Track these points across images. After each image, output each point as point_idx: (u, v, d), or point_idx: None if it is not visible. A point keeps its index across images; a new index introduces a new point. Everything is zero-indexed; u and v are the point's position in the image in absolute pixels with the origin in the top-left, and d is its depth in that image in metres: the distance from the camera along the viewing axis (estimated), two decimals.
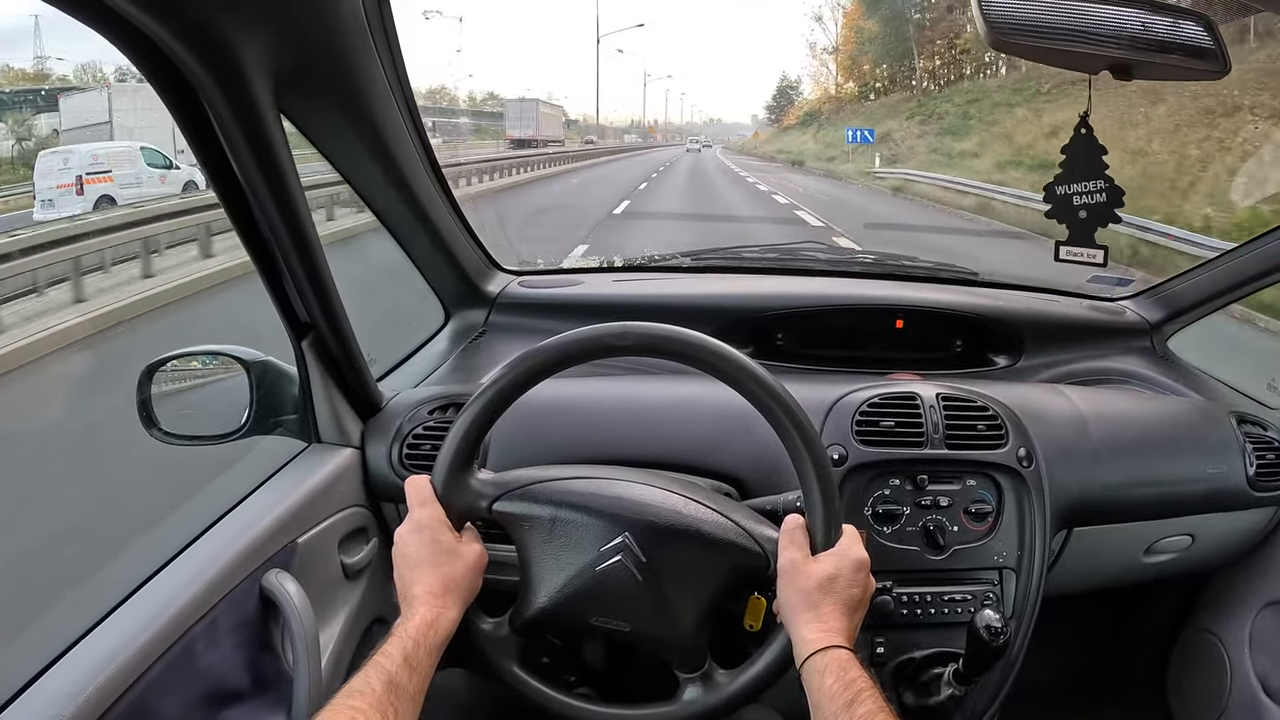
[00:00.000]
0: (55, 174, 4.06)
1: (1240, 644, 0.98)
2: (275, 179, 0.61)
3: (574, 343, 0.62)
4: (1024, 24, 0.63)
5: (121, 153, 4.49)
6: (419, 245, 0.97)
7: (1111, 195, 0.84)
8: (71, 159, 4.13)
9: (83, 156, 4.18)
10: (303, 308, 0.73)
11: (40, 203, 4.03)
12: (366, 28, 0.64)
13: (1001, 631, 0.65)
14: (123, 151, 4.51)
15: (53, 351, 2.84)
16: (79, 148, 4.31)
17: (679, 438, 0.83)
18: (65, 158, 4.15)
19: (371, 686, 0.52)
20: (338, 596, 0.77)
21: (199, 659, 0.60)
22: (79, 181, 4.05)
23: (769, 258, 1.23)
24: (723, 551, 0.63)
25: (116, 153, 4.46)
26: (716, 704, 0.63)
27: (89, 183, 4.08)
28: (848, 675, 0.54)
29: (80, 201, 4.00)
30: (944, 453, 0.83)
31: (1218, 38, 0.67)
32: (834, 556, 0.61)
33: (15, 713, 0.50)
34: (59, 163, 4.13)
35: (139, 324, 3.22)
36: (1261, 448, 0.94)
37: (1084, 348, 1.10)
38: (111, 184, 4.17)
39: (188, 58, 0.51)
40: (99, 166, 4.17)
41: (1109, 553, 0.93)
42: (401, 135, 0.78)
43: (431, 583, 0.60)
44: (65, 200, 3.99)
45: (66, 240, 3.20)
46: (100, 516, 1.76)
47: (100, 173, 4.15)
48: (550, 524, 0.63)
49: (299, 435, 0.81)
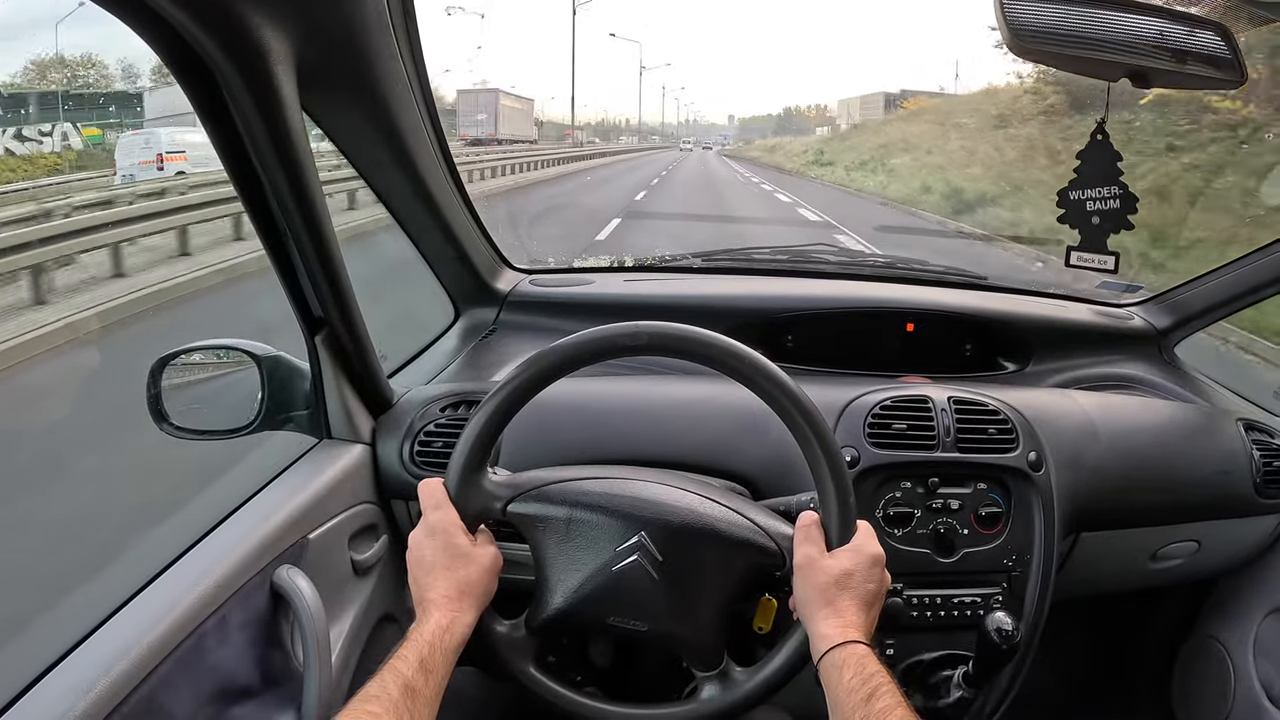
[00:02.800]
0: (138, 152, 4.86)
1: (1245, 650, 0.99)
2: (294, 173, 0.61)
3: (588, 342, 0.62)
4: (1045, 30, 0.63)
5: (193, 136, 5.08)
6: (431, 242, 0.97)
7: (1125, 202, 0.84)
8: (152, 140, 4.98)
9: (162, 137, 5.01)
10: (317, 303, 0.72)
11: (122, 178, 4.71)
12: (390, 24, 0.64)
13: (1012, 634, 0.66)
14: (195, 135, 5.14)
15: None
16: (158, 130, 5.06)
17: (691, 438, 0.83)
18: (146, 139, 4.98)
19: (388, 691, 0.51)
20: (347, 593, 0.77)
21: (210, 654, 0.60)
22: (160, 159, 4.82)
23: (779, 259, 1.23)
24: (739, 549, 0.63)
25: (189, 136, 5.12)
26: (734, 702, 0.63)
27: (168, 160, 4.84)
28: (866, 670, 0.54)
29: (161, 175, 4.76)
30: (955, 456, 0.83)
31: (1234, 47, 0.68)
32: (850, 552, 0.61)
33: (27, 706, 0.50)
34: (141, 142, 4.96)
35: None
36: (1268, 455, 0.94)
37: (1092, 353, 1.10)
38: (185, 162, 4.91)
39: (210, 45, 0.51)
40: (176, 146, 4.95)
41: (1116, 558, 0.93)
42: (419, 132, 0.78)
43: (446, 586, 0.59)
44: (146, 174, 4.74)
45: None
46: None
47: (176, 152, 4.91)
48: (566, 524, 0.63)
49: (309, 431, 0.81)
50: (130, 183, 4.56)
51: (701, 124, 29.34)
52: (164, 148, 4.86)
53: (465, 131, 14.57)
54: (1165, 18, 0.67)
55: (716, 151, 21.93)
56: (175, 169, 4.80)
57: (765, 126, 31.57)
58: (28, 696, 0.50)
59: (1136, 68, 0.66)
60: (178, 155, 4.85)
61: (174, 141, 4.93)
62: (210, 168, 4.68)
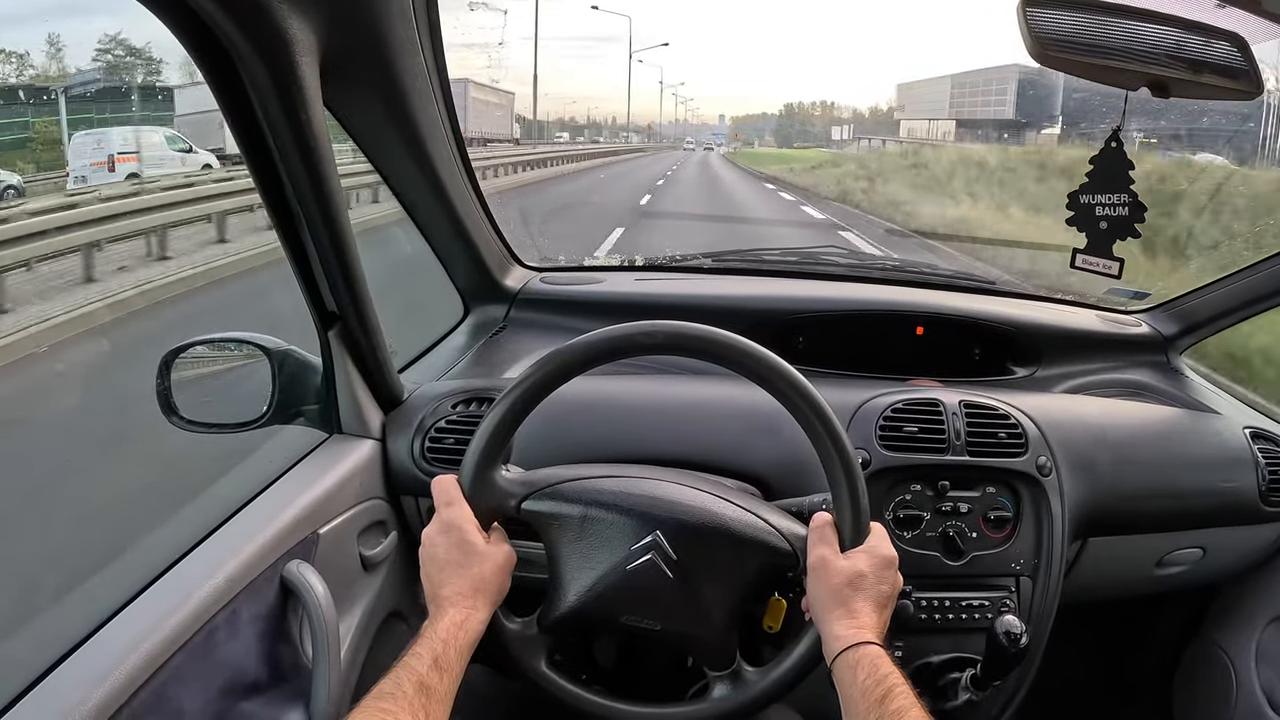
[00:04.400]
0: (90, 153, 4.50)
1: (1247, 657, 1.00)
2: (313, 166, 0.60)
3: (604, 341, 0.62)
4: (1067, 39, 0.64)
5: (147, 136, 4.90)
6: (444, 238, 0.96)
7: (1134, 209, 0.85)
8: (104, 140, 4.61)
9: (114, 138, 4.66)
10: (331, 298, 0.72)
11: (74, 179, 4.45)
12: (413, 17, 0.64)
13: (1021, 637, 0.66)
14: (148, 135, 4.92)
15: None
16: (111, 130, 4.76)
17: (704, 437, 0.83)
18: (98, 139, 4.61)
19: (403, 689, 0.51)
20: (356, 588, 0.76)
21: (220, 648, 0.59)
22: (111, 160, 4.51)
23: (790, 261, 1.23)
24: (753, 549, 0.63)
25: (144, 136, 4.89)
26: (746, 701, 0.63)
27: (120, 161, 4.54)
28: (880, 671, 0.54)
29: (113, 177, 4.47)
30: (965, 459, 0.84)
31: (1250, 58, 0.68)
32: (863, 553, 0.61)
33: (40, 696, 0.49)
34: (93, 143, 4.58)
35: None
36: (1274, 462, 0.95)
37: (1100, 359, 1.11)
38: (138, 163, 4.64)
39: (235, 34, 0.51)
40: (129, 147, 4.64)
41: (1122, 563, 0.94)
42: (436, 127, 0.78)
43: (460, 584, 0.59)
44: (98, 176, 4.44)
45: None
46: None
47: (129, 153, 4.61)
48: (580, 523, 0.63)
49: (320, 426, 0.80)
50: (83, 184, 4.33)
51: (692, 123, 26.23)
52: (116, 149, 4.55)
53: None
54: (1183, 28, 0.67)
55: (722, 154, 18.96)
56: (127, 170, 4.54)
57: (762, 126, 28.33)
58: (41, 686, 0.50)
59: (1155, 77, 0.67)
60: (130, 156, 4.58)
61: (127, 142, 4.66)
62: (164, 169, 4.61)
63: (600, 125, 21.56)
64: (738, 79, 53.76)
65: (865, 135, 22.50)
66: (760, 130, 29.70)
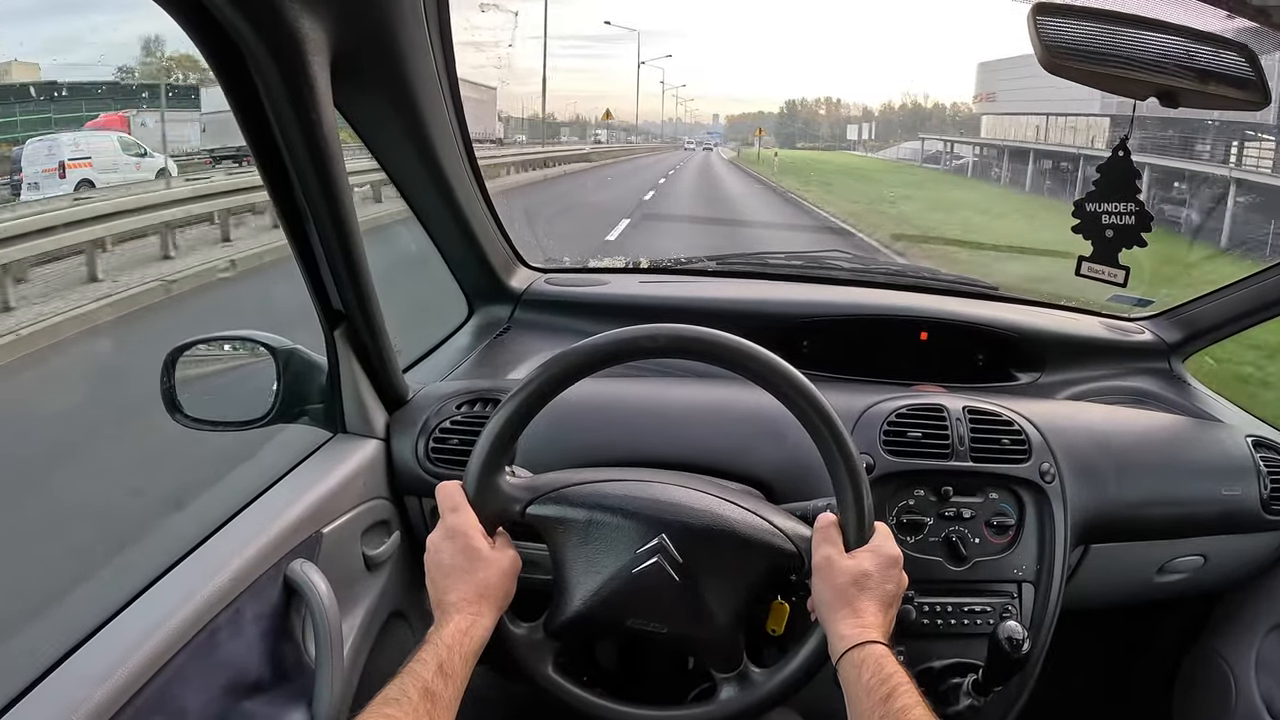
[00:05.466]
0: (42, 159, 4.35)
1: (1247, 665, 1.00)
2: (322, 165, 0.60)
3: (608, 344, 0.62)
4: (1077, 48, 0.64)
5: (100, 141, 4.76)
6: (449, 238, 0.96)
7: (1140, 219, 0.85)
8: (56, 146, 4.46)
9: (65, 144, 4.50)
10: (337, 296, 0.72)
11: (27, 185, 4.30)
12: (424, 18, 0.64)
13: (1023, 643, 0.66)
14: (101, 140, 4.78)
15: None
16: (62, 136, 4.62)
17: (708, 441, 0.83)
18: (50, 145, 4.47)
19: (408, 695, 0.51)
20: (359, 588, 0.76)
21: (223, 647, 0.59)
22: (61, 167, 4.34)
23: (794, 264, 1.23)
24: (758, 551, 0.63)
25: (96, 141, 4.75)
26: (753, 702, 0.63)
27: (71, 167, 4.36)
28: (884, 670, 0.54)
29: (63, 184, 4.29)
30: (969, 465, 0.84)
31: (1259, 69, 0.69)
32: (868, 553, 0.61)
33: (39, 696, 0.49)
34: (45, 149, 4.44)
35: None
36: (1276, 471, 0.95)
37: (1103, 366, 1.11)
38: (91, 169, 4.47)
39: (246, 31, 0.50)
40: (80, 153, 4.47)
41: (1123, 570, 0.94)
42: (445, 128, 0.78)
43: (465, 590, 0.59)
44: (49, 183, 4.28)
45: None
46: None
47: (81, 159, 4.44)
48: (585, 527, 0.63)
49: (324, 425, 0.80)
50: (34, 190, 4.15)
51: (685, 122, 24.62)
52: (66, 155, 4.37)
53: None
54: (1192, 38, 0.67)
55: (726, 159, 16.61)
56: (79, 177, 4.34)
57: (758, 126, 26.72)
58: (43, 684, 0.50)
59: (1164, 87, 0.67)
60: (82, 162, 4.41)
61: (78, 148, 4.48)
62: (116, 174, 4.45)
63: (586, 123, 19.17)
64: (730, 78, 50.77)
65: (928, 135, 15.79)
66: (755, 129, 27.98)
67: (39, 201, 3.96)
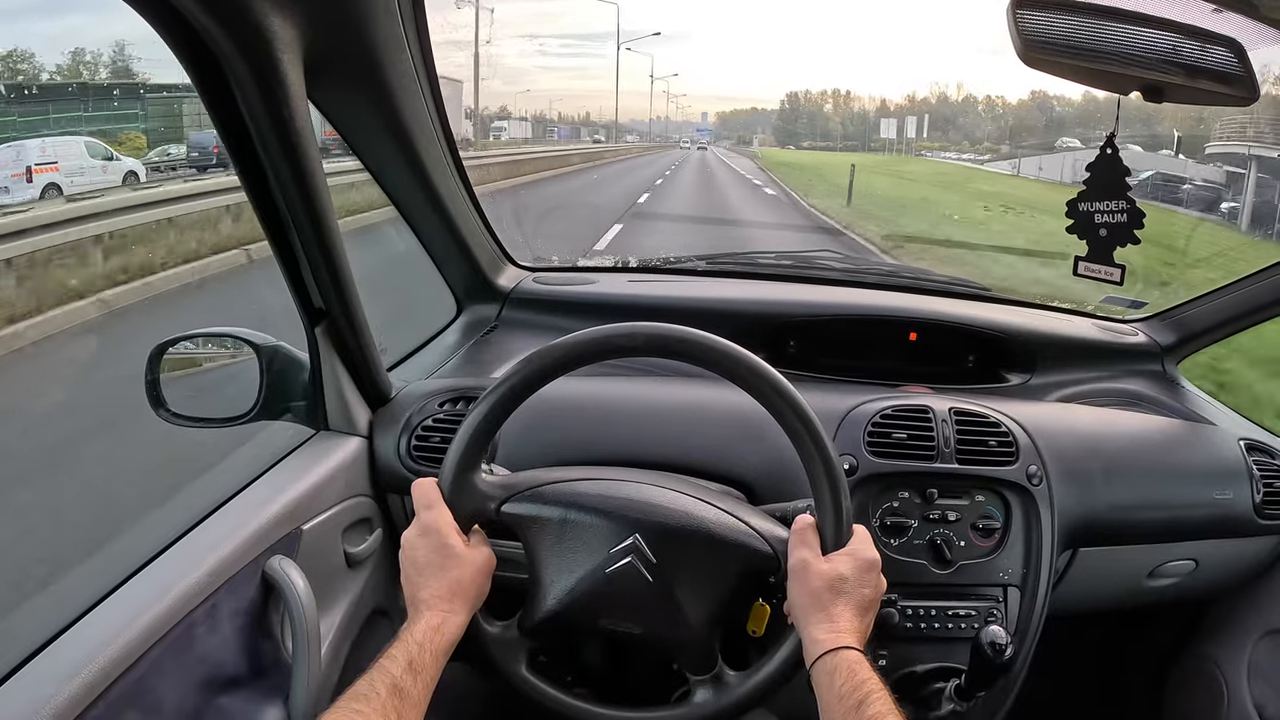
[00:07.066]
0: (11, 165, 4.39)
1: (1238, 671, 0.98)
2: (298, 163, 0.60)
3: (584, 343, 0.62)
4: (1057, 42, 0.63)
5: (67, 145, 4.78)
6: (435, 236, 0.96)
7: (1132, 216, 0.84)
8: (23, 152, 4.49)
9: (31, 149, 4.54)
10: (318, 294, 0.72)
11: None
12: (398, 14, 0.64)
13: (1006, 648, 0.65)
14: (68, 144, 4.80)
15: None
16: (28, 141, 4.66)
17: (689, 440, 0.82)
18: (17, 151, 4.51)
19: (376, 691, 0.51)
20: (339, 585, 0.77)
21: (199, 642, 0.60)
22: (29, 171, 4.38)
23: (784, 264, 1.23)
24: (733, 552, 0.63)
25: (62, 145, 4.77)
26: (728, 705, 0.63)
27: (37, 172, 4.39)
28: (857, 676, 0.54)
29: (30, 189, 4.32)
30: (954, 467, 0.83)
31: (1247, 64, 0.67)
32: (845, 556, 0.60)
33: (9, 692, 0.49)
34: (12, 155, 4.47)
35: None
36: (1269, 476, 0.94)
37: (1095, 368, 1.10)
38: (58, 173, 4.49)
39: (216, 31, 0.50)
40: (46, 158, 4.49)
41: (1113, 574, 0.93)
42: (425, 125, 0.78)
43: (438, 587, 0.59)
44: (18, 187, 4.32)
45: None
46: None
47: (47, 163, 4.46)
48: (560, 525, 0.63)
49: (307, 422, 0.80)
50: (4, 195, 4.14)
51: (674, 120, 23.37)
52: (33, 160, 4.36)
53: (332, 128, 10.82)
54: (1179, 32, 0.66)
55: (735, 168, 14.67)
56: (46, 181, 4.32)
57: (752, 123, 24.85)
58: (10, 682, 0.50)
59: (1149, 82, 0.66)
60: (49, 167, 4.40)
61: (45, 153, 4.47)
62: (84, 179, 4.44)
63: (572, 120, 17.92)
64: (718, 74, 47.60)
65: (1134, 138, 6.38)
66: (750, 127, 23.68)
67: (4, 208, 3.98)
